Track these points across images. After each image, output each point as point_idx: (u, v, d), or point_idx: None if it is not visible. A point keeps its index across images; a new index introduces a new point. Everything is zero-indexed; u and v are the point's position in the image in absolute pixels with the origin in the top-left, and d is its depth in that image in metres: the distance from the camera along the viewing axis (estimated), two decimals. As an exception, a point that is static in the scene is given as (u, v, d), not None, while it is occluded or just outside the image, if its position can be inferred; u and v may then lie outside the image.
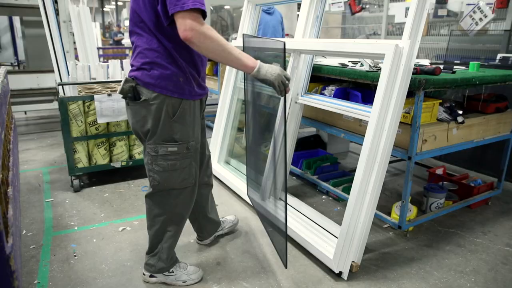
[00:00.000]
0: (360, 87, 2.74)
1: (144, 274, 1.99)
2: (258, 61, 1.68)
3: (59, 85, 2.93)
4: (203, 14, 1.52)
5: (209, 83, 4.66)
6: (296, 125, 2.75)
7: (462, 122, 2.39)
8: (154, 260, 1.93)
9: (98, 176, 3.29)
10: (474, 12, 3.75)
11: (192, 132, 1.76)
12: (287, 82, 1.72)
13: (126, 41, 7.87)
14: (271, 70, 1.67)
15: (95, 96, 2.88)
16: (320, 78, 2.77)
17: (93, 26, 4.74)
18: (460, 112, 2.45)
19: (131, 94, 1.66)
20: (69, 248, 2.27)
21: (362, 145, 1.98)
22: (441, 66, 2.40)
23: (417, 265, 2.16)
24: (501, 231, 2.55)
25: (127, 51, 8.22)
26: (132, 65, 1.71)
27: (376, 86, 2.44)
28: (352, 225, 1.96)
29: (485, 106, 2.61)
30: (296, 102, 2.66)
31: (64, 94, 2.96)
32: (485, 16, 3.68)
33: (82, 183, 3.11)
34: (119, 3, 16.82)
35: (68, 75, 3.05)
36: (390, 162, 3.79)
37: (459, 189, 2.86)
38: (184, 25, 1.46)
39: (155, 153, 1.72)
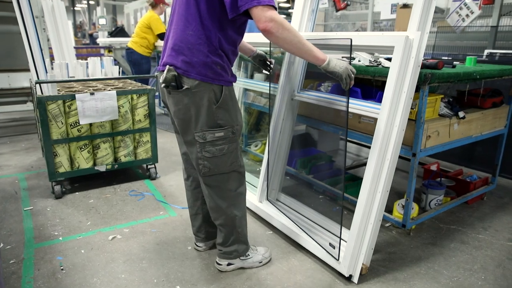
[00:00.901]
0: (356, 83, 2.67)
1: (220, 264, 2.00)
2: (327, 54, 1.72)
3: (36, 83, 2.71)
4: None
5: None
6: (293, 123, 2.65)
7: (463, 118, 2.36)
8: (234, 246, 1.98)
9: (81, 181, 3.09)
10: (461, 8, 3.76)
11: (235, 116, 1.80)
12: (353, 75, 1.77)
13: (101, 40, 7.54)
14: (340, 63, 1.72)
15: (77, 95, 2.68)
16: (310, 74, 2.68)
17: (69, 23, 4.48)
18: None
19: (174, 82, 1.67)
20: (54, 261, 2.08)
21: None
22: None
23: (425, 264, 2.10)
24: (500, 226, 2.54)
25: (102, 51, 7.89)
26: (171, 54, 1.70)
27: (376, 81, 2.40)
28: (363, 226, 1.88)
29: (482, 101, 2.59)
30: (292, 99, 2.55)
31: (42, 93, 2.74)
32: (472, 13, 3.69)
33: (64, 189, 2.89)
34: (91, 2, 16.28)
35: (46, 72, 2.83)
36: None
37: (456, 185, 2.83)
38: (265, 17, 1.51)
39: (203, 140, 1.74)
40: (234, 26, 1.70)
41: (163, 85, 1.69)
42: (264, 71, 2.37)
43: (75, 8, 17.16)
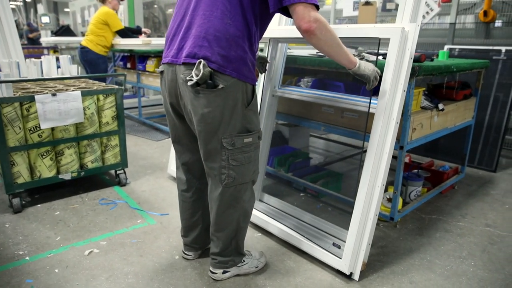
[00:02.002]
0: (338, 77, 2.66)
1: (214, 273, 1.87)
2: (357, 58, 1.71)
3: (-13, 84, 2.40)
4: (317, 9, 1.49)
5: (150, 80, 4.29)
6: (273, 120, 2.58)
7: (443, 110, 2.41)
8: (231, 257, 1.86)
9: (42, 192, 2.79)
10: (420, 5, 3.88)
11: (257, 120, 1.68)
12: (378, 77, 1.75)
13: (44, 39, 6.98)
14: (368, 66, 1.71)
15: (36, 97, 2.41)
16: (288, 70, 2.62)
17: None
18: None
19: (211, 80, 1.46)
20: (24, 285, 1.83)
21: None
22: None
23: (418, 255, 2.12)
24: (475, 213, 2.64)
25: (45, 51, 7.32)
26: (203, 44, 1.47)
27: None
28: (362, 222, 1.84)
29: (456, 93, 2.67)
30: (273, 95, 2.48)
31: (-6, 96, 2.44)
32: (432, 10, 3.85)
33: (23, 202, 2.59)
34: (27, 0, 15.11)
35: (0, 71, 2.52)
36: (354, 154, 3.80)
37: (431, 176, 2.91)
38: (309, 16, 1.42)
39: (232, 146, 1.59)
40: (266, 23, 1.60)
41: (192, 83, 1.46)
42: (259, 72, 2.28)
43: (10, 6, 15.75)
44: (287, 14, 1.50)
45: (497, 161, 3.38)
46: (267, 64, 2.23)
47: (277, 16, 2.42)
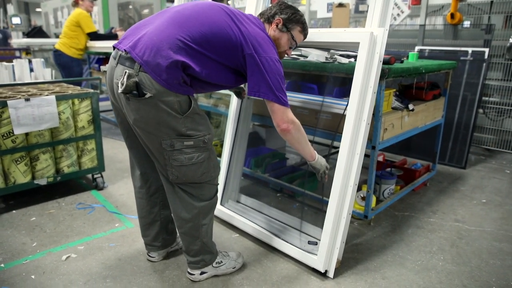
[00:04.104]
0: (311, 79, 2.71)
1: (192, 274, 1.91)
2: (315, 151, 1.89)
3: (-43, 90, 2.36)
4: None
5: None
6: (249, 122, 2.62)
7: (413, 110, 2.50)
8: (200, 256, 1.88)
9: (16, 198, 2.75)
10: (392, 8, 3.99)
11: (205, 125, 1.70)
12: (327, 171, 1.95)
13: (16, 41, 6.80)
14: (321, 162, 1.91)
15: (9, 102, 2.38)
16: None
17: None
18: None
19: (135, 90, 1.51)
20: (-1, 291, 1.83)
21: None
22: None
23: (391, 251, 2.20)
24: (446, 208, 2.75)
25: (17, 53, 7.13)
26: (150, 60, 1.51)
27: (334, 77, 2.45)
28: (336, 221, 1.90)
29: (425, 93, 2.77)
30: (249, 98, 2.52)
31: (-35, 101, 2.39)
32: (402, 12, 3.96)
33: (-3, 209, 2.56)
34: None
35: (-32, 77, 2.47)
36: (330, 154, 3.87)
37: (403, 174, 3.01)
38: (287, 118, 1.67)
39: (171, 148, 1.62)
40: (203, 87, 1.70)
41: (120, 91, 1.54)
42: (236, 97, 2.40)
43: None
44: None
45: (466, 158, 3.52)
46: (244, 93, 2.28)
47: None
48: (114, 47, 1.67)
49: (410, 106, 2.48)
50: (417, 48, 3.91)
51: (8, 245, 2.21)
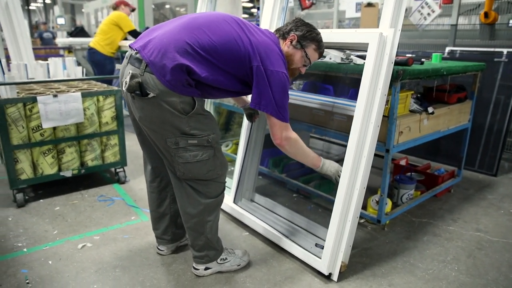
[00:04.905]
0: (327, 80, 2.68)
1: (196, 269, 1.95)
2: (321, 157, 1.91)
3: (-7, 86, 2.54)
4: None
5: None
6: (265, 123, 2.62)
7: (432, 113, 2.42)
8: (204, 252, 1.92)
9: (45, 188, 2.92)
10: (422, 7, 3.88)
11: (210, 124, 1.73)
12: (341, 175, 1.91)
13: (60, 40, 7.21)
14: (331, 167, 1.92)
15: (38, 98, 2.53)
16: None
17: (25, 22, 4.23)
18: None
19: (138, 91, 1.57)
20: (19, 274, 1.95)
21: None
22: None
23: (401, 258, 2.14)
24: (468, 217, 2.63)
25: (61, 51, 7.56)
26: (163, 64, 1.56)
27: (349, 78, 2.42)
28: (341, 224, 1.88)
29: (448, 96, 2.67)
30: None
31: (0, 96, 2.57)
32: (433, 11, 3.82)
33: (26, 197, 2.72)
34: (47, 1, 15.52)
35: (3, 74, 2.65)
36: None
37: (425, 179, 2.91)
38: (281, 135, 1.72)
39: (176, 146, 1.67)
40: (210, 93, 1.71)
41: (125, 89, 1.62)
42: (247, 120, 2.38)
43: (30, 8, 16.33)
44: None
45: (498, 165, 3.34)
46: (255, 117, 2.30)
47: (267, 21, 2.47)
48: (129, 46, 1.75)
49: (430, 109, 2.40)
50: (447, 49, 3.76)
51: (32, 231, 2.35)
